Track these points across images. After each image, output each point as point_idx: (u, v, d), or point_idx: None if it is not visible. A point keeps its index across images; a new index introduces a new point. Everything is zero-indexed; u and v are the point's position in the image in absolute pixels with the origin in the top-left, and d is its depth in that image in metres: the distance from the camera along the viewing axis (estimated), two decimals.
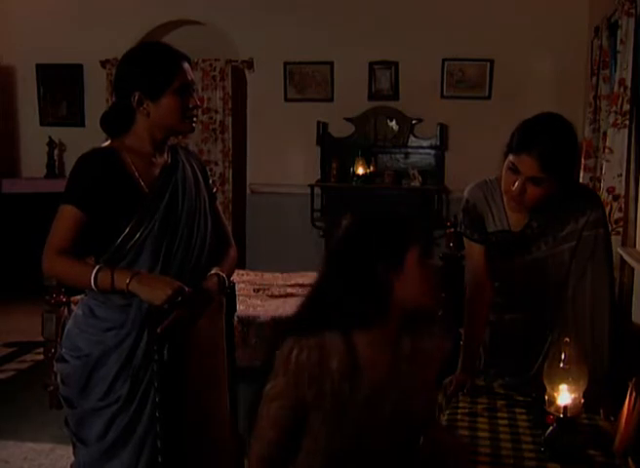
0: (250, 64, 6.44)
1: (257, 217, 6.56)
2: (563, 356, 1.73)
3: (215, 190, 2.25)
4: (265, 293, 4.62)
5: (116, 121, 2.05)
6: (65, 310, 4.16)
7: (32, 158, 6.82)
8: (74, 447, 2.12)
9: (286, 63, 6.38)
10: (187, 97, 2.02)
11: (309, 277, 5.06)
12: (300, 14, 6.28)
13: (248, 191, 6.66)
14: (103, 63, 6.59)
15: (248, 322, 4.33)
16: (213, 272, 2.08)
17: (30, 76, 6.85)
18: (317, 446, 1.59)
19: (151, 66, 1.98)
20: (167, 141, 2.10)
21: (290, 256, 6.03)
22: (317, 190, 6.26)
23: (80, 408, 2.05)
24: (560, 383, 1.72)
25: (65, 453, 3.52)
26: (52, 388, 4.05)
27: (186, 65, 2.03)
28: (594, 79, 4.31)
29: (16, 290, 6.30)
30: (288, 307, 4.04)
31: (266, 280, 4.95)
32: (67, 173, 6.96)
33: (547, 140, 2.01)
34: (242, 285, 4.79)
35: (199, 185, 2.12)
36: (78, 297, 4.43)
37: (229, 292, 2.20)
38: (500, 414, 1.99)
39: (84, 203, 1.92)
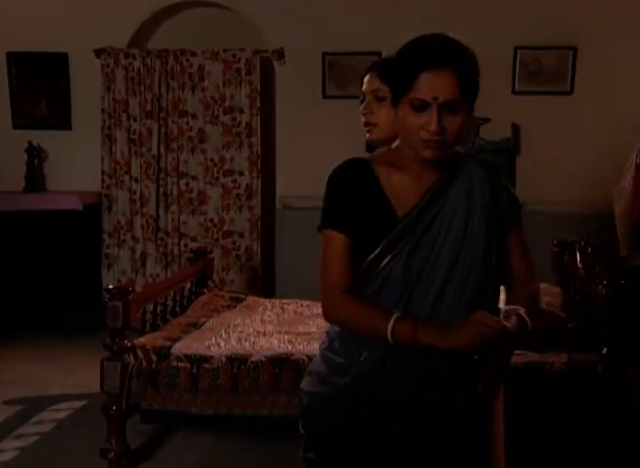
0: (280, 55, 5.45)
1: (288, 236, 5.53)
2: None
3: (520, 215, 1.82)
4: None
5: None
6: (131, 357, 3.02)
7: (6, 168, 5.55)
8: None
9: (324, 54, 5.45)
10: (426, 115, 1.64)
11: None
12: None
13: (278, 205, 5.63)
14: (98, 52, 5.47)
15: None
16: (511, 308, 1.74)
17: None
18: None
19: (400, 64, 1.65)
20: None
21: None
22: None
23: None
24: None
25: None
26: (112, 455, 3.08)
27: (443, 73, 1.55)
28: None
29: None
30: None
31: None
32: (49, 185, 5.74)
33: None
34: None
35: (475, 207, 1.74)
36: (142, 340, 3.29)
37: None
38: None
39: (348, 225, 1.72)
